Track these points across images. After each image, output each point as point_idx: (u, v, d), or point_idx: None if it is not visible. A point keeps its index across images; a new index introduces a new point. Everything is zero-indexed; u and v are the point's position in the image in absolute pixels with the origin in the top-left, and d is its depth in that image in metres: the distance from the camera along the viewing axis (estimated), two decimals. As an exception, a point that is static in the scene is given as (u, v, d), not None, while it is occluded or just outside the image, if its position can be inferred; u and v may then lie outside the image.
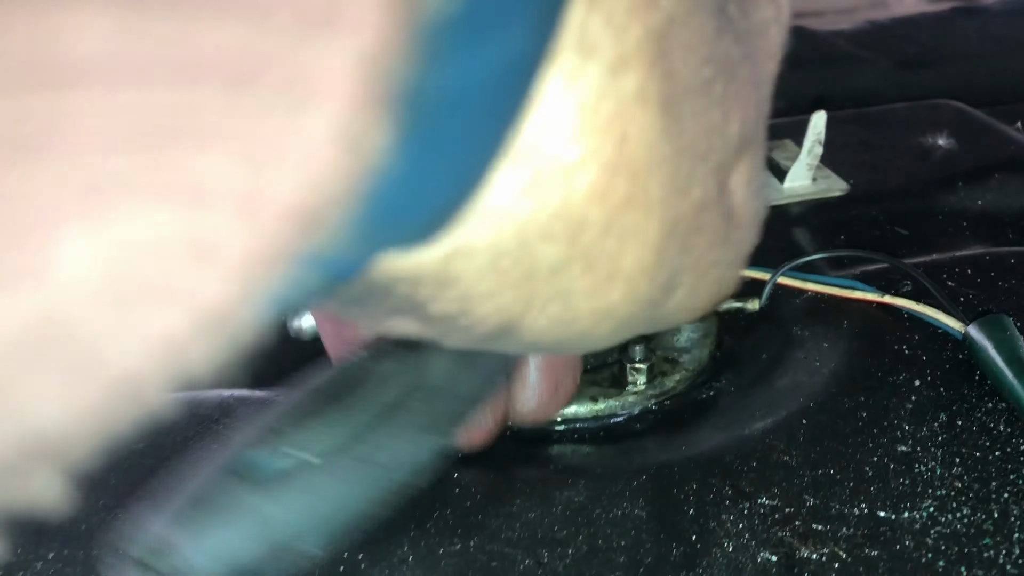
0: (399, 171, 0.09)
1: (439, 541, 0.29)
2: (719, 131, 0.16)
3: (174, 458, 0.32)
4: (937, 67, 0.64)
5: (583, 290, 0.15)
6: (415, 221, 0.11)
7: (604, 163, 0.13)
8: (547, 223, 0.13)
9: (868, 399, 0.33)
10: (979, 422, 0.32)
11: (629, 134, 0.13)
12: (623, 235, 0.14)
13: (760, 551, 0.28)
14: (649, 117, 0.14)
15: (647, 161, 0.14)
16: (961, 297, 0.38)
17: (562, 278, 0.14)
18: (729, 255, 0.18)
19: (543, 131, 0.13)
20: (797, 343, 0.37)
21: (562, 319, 0.15)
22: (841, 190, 0.48)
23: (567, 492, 0.30)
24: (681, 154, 0.15)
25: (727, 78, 0.15)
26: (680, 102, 0.14)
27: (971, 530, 0.28)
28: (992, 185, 0.48)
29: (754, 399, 0.35)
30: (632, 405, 0.35)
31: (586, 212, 0.14)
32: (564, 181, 0.13)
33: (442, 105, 0.10)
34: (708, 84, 0.15)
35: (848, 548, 0.28)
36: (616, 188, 0.14)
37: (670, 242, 0.16)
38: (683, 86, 0.14)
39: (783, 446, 0.32)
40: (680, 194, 0.15)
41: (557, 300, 0.15)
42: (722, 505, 0.29)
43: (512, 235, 0.13)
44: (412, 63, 0.08)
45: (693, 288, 0.18)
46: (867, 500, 0.29)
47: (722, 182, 0.17)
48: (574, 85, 0.12)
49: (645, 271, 0.15)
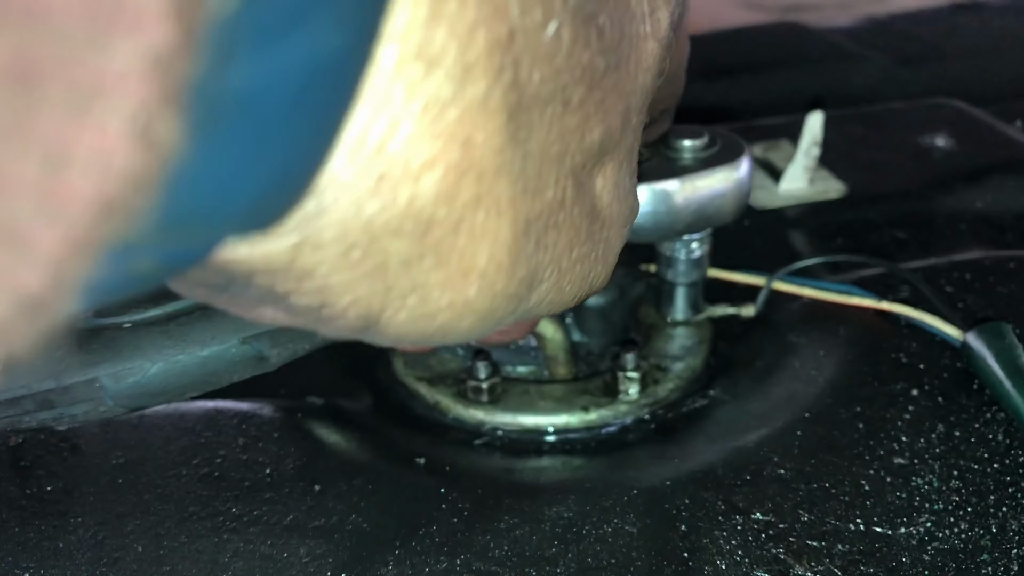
0: (200, 163, 0.10)
1: (424, 559, 0.28)
2: (577, 136, 0.17)
3: (156, 471, 0.31)
4: (937, 64, 0.63)
5: (438, 284, 0.16)
6: (232, 210, 0.12)
7: (450, 166, 0.14)
8: (395, 220, 0.14)
9: (864, 410, 0.33)
10: (978, 433, 0.31)
11: (474, 139, 0.14)
12: (474, 233, 0.15)
13: (754, 569, 0.27)
14: (495, 123, 0.14)
15: (494, 164, 0.15)
16: (960, 303, 0.37)
17: (415, 271, 0.15)
18: (595, 252, 0.19)
19: (388, 135, 0.13)
20: (792, 350, 0.36)
21: (422, 313, 0.16)
22: (838, 192, 0.47)
23: (556, 508, 0.29)
24: (531, 157, 0.16)
25: (587, 87, 0.16)
26: (529, 109, 0.15)
27: (969, 546, 0.28)
28: (992, 186, 0.47)
29: (748, 409, 0.34)
30: (624, 415, 0.34)
31: (434, 211, 0.14)
32: (410, 183, 0.14)
33: (238, 101, 0.10)
34: (563, 92, 0.16)
35: (843, 565, 0.27)
36: (463, 189, 0.14)
37: (525, 240, 0.16)
38: (533, 94, 0.15)
39: (777, 459, 0.31)
40: (532, 195, 0.16)
41: (414, 294, 0.15)
42: (715, 521, 0.29)
43: (359, 230, 0.14)
44: (202, 62, 0.09)
45: (557, 283, 0.19)
46: (863, 515, 0.29)
47: (582, 183, 0.18)
48: (418, 93, 0.13)
49: (501, 267, 0.16)
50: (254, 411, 0.34)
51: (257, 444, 0.32)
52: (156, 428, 0.33)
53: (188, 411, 0.34)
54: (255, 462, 0.31)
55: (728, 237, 0.40)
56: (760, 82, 0.59)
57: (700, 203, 0.32)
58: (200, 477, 0.31)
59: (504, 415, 0.34)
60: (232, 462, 0.32)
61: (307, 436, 0.33)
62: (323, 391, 0.35)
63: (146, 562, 0.28)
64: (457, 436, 0.34)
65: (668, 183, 0.32)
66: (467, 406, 0.34)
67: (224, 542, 0.29)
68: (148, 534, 0.29)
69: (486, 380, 0.34)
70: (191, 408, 0.34)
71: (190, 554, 0.28)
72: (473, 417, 0.34)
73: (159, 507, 0.30)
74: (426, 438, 0.34)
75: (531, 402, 0.34)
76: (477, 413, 0.34)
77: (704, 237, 0.35)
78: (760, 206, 0.46)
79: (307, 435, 0.33)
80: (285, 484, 0.31)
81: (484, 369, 0.34)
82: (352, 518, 0.29)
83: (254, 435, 0.33)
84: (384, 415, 0.35)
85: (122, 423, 0.33)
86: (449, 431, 0.34)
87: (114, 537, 0.29)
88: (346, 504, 0.30)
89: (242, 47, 0.10)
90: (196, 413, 0.33)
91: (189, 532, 0.29)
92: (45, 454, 0.32)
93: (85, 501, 0.30)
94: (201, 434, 0.33)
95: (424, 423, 0.34)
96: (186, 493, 0.30)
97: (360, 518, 0.29)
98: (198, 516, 0.29)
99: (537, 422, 0.34)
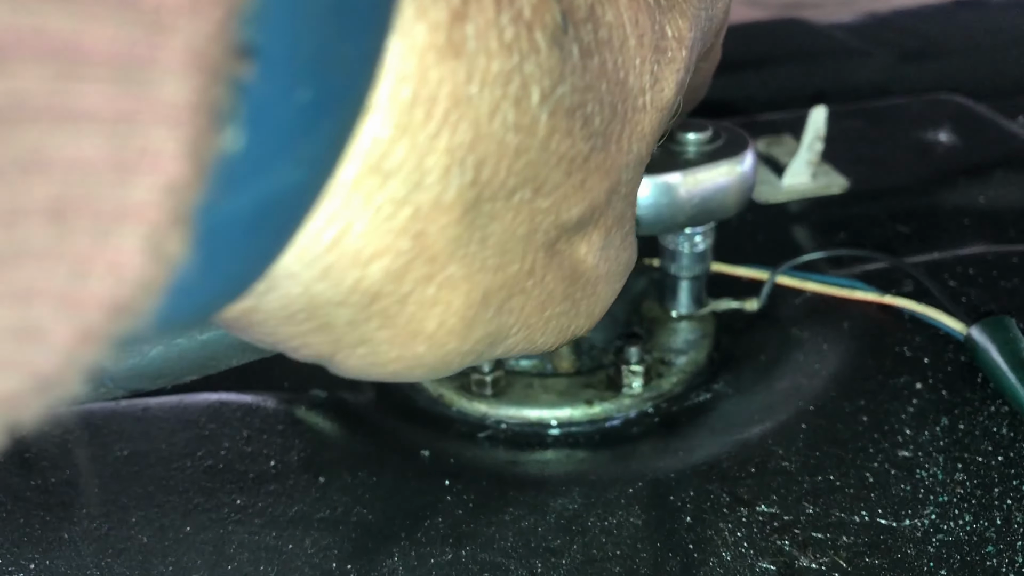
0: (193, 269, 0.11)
1: (430, 550, 0.28)
2: (550, 217, 0.16)
3: (160, 463, 0.31)
4: (940, 60, 0.63)
5: (386, 340, 0.16)
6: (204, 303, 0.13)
7: (399, 253, 0.14)
8: (339, 296, 0.14)
9: (868, 403, 0.33)
10: (981, 426, 0.31)
11: (427, 231, 0.14)
12: (423, 303, 0.15)
13: (759, 560, 0.27)
14: (449, 217, 0.14)
15: (447, 250, 0.15)
16: (963, 297, 0.37)
17: (362, 330, 0.15)
18: (574, 309, 0.19)
19: (341, 235, 0.14)
20: (796, 344, 0.36)
21: (372, 361, 0.16)
22: (841, 187, 0.47)
23: (561, 500, 0.29)
24: (493, 238, 0.16)
25: (565, 172, 0.16)
26: (492, 200, 0.15)
27: (973, 538, 0.28)
28: (994, 181, 0.47)
29: (752, 402, 0.34)
30: (628, 408, 0.34)
31: (381, 288, 0.15)
32: (358, 269, 0.14)
33: (226, 219, 0.11)
34: (534, 180, 0.15)
35: (848, 557, 0.27)
36: (412, 271, 0.15)
37: (482, 309, 0.16)
38: (497, 187, 0.15)
39: (782, 451, 0.31)
40: (493, 271, 0.16)
41: (362, 346, 0.16)
42: (719, 513, 0.29)
43: (304, 304, 0.14)
44: (206, 190, 0.10)
45: (528, 337, 0.19)
46: (868, 507, 0.29)
47: (558, 252, 0.18)
48: (373, 200, 0.13)
49: (452, 332, 0.16)
50: (258, 403, 0.34)
51: (261, 436, 0.32)
52: (160, 420, 0.33)
53: (192, 403, 0.34)
54: (259, 454, 0.31)
55: (731, 231, 0.40)
56: (763, 77, 0.59)
57: (703, 196, 0.32)
58: (204, 469, 0.31)
59: (508, 408, 0.34)
60: (236, 454, 0.31)
61: (311, 428, 0.33)
62: (327, 383, 0.35)
63: (151, 553, 0.28)
64: (461, 429, 0.34)
65: (671, 176, 0.32)
66: (471, 399, 0.34)
67: (229, 534, 0.29)
68: (153, 526, 0.29)
69: (490, 373, 0.34)
70: (195, 400, 0.34)
71: (195, 546, 0.28)
72: (477, 410, 0.34)
73: (164, 499, 0.30)
74: (430, 431, 0.34)
75: (535, 395, 0.34)
76: (481, 406, 0.34)
77: (708, 231, 0.35)
78: (763, 201, 0.46)
79: (311, 427, 0.33)
80: (290, 476, 0.31)
81: (488, 362, 0.34)
82: (357, 510, 0.29)
83: (258, 427, 0.33)
84: (388, 408, 0.35)
85: (126, 415, 0.33)
86: (453, 424, 0.34)
87: (119, 528, 0.29)
88: (351, 496, 0.30)
89: (239, 177, 0.11)
90: (200, 405, 0.33)
91: (194, 524, 0.29)
92: (49, 446, 0.32)
93: (89, 493, 0.30)
94: (205, 426, 0.33)
95: (428, 416, 0.34)
96: (190, 485, 0.30)
97: (365, 510, 0.29)
98: (203, 508, 0.29)
99: (541, 415, 0.34)
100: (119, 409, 0.33)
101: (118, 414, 0.33)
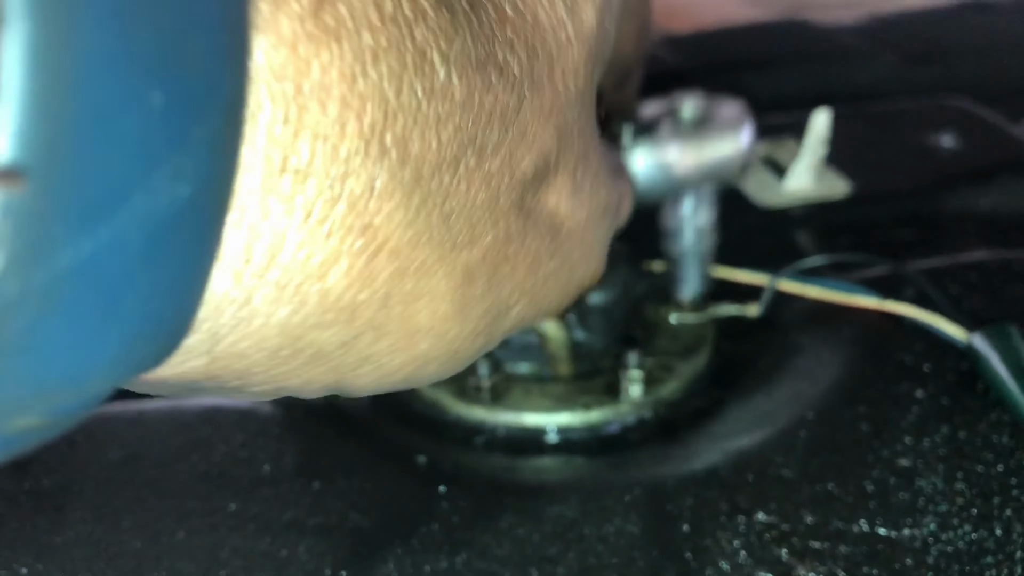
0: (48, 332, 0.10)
1: (425, 558, 0.28)
2: (504, 177, 0.16)
3: (154, 468, 0.31)
4: (943, 63, 0.62)
5: (386, 351, 0.15)
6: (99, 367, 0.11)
7: (354, 254, 0.14)
8: (313, 317, 0.14)
9: (869, 410, 0.32)
10: (982, 435, 0.31)
11: (373, 223, 0.14)
12: (406, 300, 0.15)
13: (757, 570, 0.27)
14: (391, 204, 0.14)
15: (404, 237, 0.14)
16: (965, 304, 0.37)
17: (357, 348, 0.15)
18: (568, 260, 0.19)
19: (276, 247, 0.13)
20: (796, 350, 0.36)
21: (381, 374, 0.16)
22: (843, 191, 0.46)
23: (558, 507, 0.29)
24: (454, 214, 0.15)
25: (501, 127, 0.15)
26: (433, 175, 0.14)
27: (973, 548, 0.28)
28: (998, 186, 0.47)
29: (752, 409, 0.34)
30: (627, 414, 0.34)
31: (354, 297, 0.14)
32: (316, 281, 0.13)
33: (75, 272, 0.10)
34: (472, 144, 0.15)
35: (847, 567, 0.27)
36: (380, 268, 0.14)
37: (468, 287, 0.16)
38: (433, 161, 0.14)
39: (781, 459, 0.31)
40: (466, 247, 0.15)
41: (365, 364, 0.15)
42: (718, 521, 0.29)
43: (277, 336, 0.14)
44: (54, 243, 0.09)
45: (532, 302, 0.18)
46: (867, 516, 0.29)
47: (530, 211, 0.17)
48: (295, 203, 0.13)
49: (447, 318, 0.16)
50: (253, 408, 0.33)
51: (256, 441, 0.32)
52: (154, 424, 0.33)
53: (186, 408, 0.33)
54: (254, 459, 0.31)
55: (733, 235, 0.40)
56: (766, 80, 0.59)
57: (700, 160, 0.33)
58: (199, 474, 0.31)
59: (505, 413, 0.34)
60: (231, 459, 0.31)
61: (306, 433, 0.33)
62: (323, 388, 0.35)
63: (144, 558, 0.28)
64: (458, 434, 0.34)
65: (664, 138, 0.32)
66: (468, 404, 0.34)
67: (222, 539, 0.28)
68: (146, 530, 0.29)
69: (487, 378, 0.34)
70: (189, 405, 0.33)
71: (188, 551, 0.28)
72: (474, 415, 0.34)
73: (157, 503, 0.30)
74: (426, 436, 0.33)
75: (532, 401, 0.34)
76: (478, 411, 0.34)
77: (709, 200, 0.35)
78: (765, 205, 0.46)
79: (306, 432, 0.33)
80: (284, 481, 0.30)
81: (485, 367, 0.34)
82: (352, 516, 0.29)
83: (253, 432, 0.32)
84: (384, 413, 0.35)
85: (119, 419, 0.33)
86: (449, 429, 0.34)
87: (112, 533, 0.29)
88: (346, 502, 0.30)
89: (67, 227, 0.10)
90: (194, 410, 0.33)
91: (187, 529, 0.29)
92: (42, 449, 0.32)
93: (83, 497, 0.30)
94: (200, 431, 0.32)
95: (424, 421, 0.34)
96: (184, 490, 0.30)
97: (360, 516, 0.29)
98: (196, 513, 0.29)
99: (538, 421, 0.34)
100: (113, 413, 0.33)
101: (112, 418, 0.33)
